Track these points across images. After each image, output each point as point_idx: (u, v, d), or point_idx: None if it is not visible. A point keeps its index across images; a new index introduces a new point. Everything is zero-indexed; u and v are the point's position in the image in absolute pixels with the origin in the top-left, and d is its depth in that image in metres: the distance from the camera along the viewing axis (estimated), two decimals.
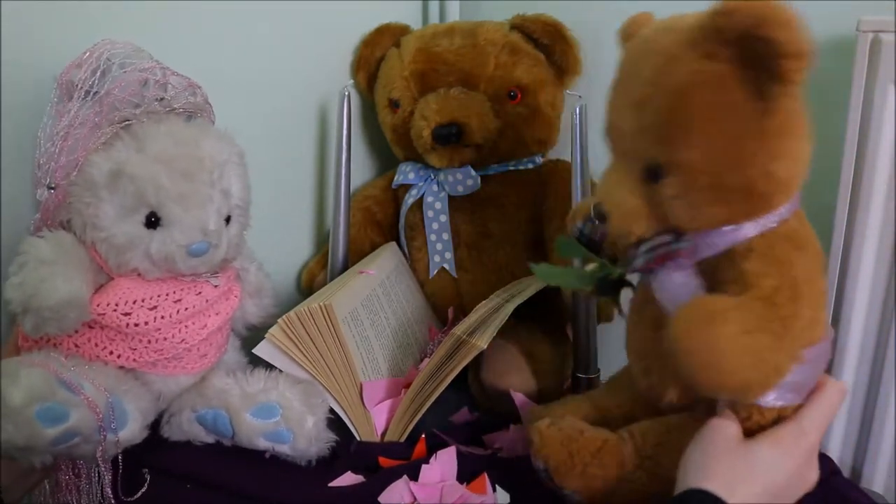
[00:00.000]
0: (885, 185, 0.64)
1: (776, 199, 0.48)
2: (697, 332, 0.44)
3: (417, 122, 0.82)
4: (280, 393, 0.63)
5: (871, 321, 0.67)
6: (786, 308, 0.46)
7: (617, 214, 0.50)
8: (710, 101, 0.45)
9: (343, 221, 0.84)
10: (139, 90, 0.57)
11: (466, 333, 0.66)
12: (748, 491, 0.45)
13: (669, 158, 0.47)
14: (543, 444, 0.55)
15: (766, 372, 0.45)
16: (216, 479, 0.62)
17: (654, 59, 0.47)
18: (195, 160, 0.58)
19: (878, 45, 0.61)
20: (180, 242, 0.57)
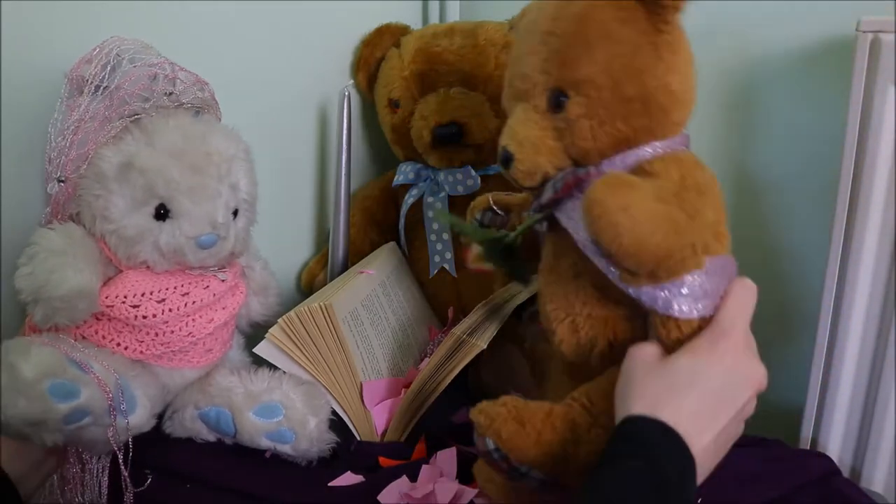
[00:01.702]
0: (885, 185, 0.63)
1: (672, 116, 0.51)
2: (612, 193, 0.44)
3: (417, 122, 0.82)
4: (283, 393, 0.63)
5: (871, 321, 0.67)
6: (692, 197, 0.48)
7: (523, 149, 0.52)
8: (608, 19, 0.49)
9: (343, 221, 0.84)
10: (149, 84, 0.58)
11: (466, 333, 0.66)
12: (676, 403, 0.45)
13: (574, 77, 0.50)
14: (490, 420, 0.52)
15: (683, 244, 0.46)
16: (216, 478, 0.62)
17: (555, 1, 0.52)
18: (204, 154, 0.59)
19: (878, 45, 0.61)
20: (189, 234, 0.58)
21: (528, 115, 0.53)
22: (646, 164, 0.50)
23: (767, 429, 0.71)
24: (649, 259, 0.45)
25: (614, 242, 0.44)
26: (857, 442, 0.70)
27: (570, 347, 0.55)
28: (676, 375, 0.46)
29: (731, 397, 0.47)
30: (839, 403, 0.70)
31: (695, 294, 0.48)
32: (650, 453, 0.42)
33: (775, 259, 0.83)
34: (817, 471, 0.63)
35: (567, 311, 0.54)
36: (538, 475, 0.51)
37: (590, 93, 0.50)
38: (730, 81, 0.81)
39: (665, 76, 0.50)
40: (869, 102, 0.63)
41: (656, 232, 0.44)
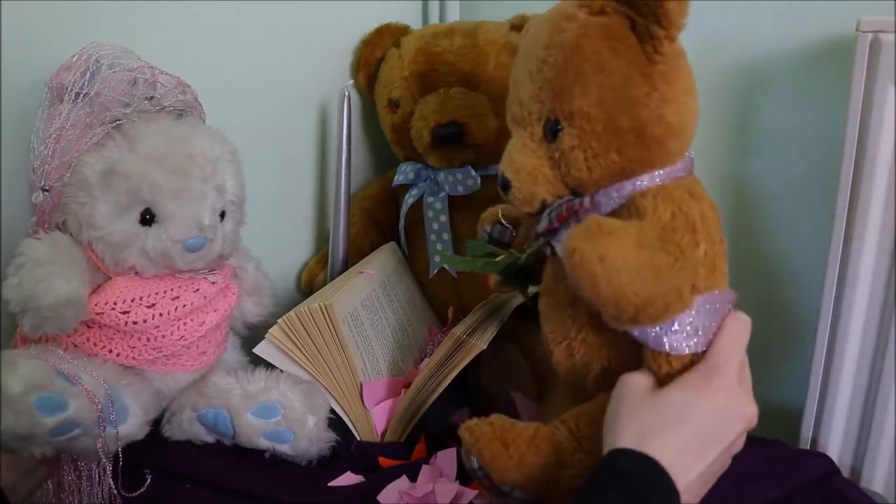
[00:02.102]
0: (885, 185, 0.64)
1: (669, 146, 0.50)
2: (590, 242, 0.44)
3: (417, 122, 0.82)
4: (281, 392, 0.63)
5: (871, 321, 0.67)
6: (682, 235, 0.47)
7: (519, 178, 0.52)
8: (600, 49, 0.48)
9: (343, 221, 0.84)
10: (129, 89, 0.58)
11: (466, 333, 0.66)
12: (664, 439, 0.44)
13: (566, 109, 0.50)
14: (475, 439, 0.52)
15: (666, 289, 0.45)
16: (216, 479, 0.62)
17: (548, 25, 0.51)
18: (187, 157, 0.58)
19: (878, 45, 0.61)
20: (176, 238, 0.58)
21: (524, 143, 0.53)
22: (638, 196, 0.50)
23: (767, 429, 0.71)
24: (628, 307, 0.45)
25: (592, 292, 0.44)
26: (857, 442, 0.70)
27: (566, 370, 0.55)
28: (667, 409, 0.46)
29: (721, 435, 0.47)
30: (839, 403, 0.70)
31: (686, 331, 0.48)
32: (635, 487, 0.42)
33: (775, 259, 0.83)
34: (817, 471, 0.63)
35: (563, 335, 0.55)
36: (521, 496, 0.52)
37: (583, 125, 0.49)
38: (730, 81, 0.81)
39: (659, 107, 0.49)
40: (869, 102, 0.63)
41: (634, 281, 0.44)
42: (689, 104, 0.51)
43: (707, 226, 0.49)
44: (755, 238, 0.84)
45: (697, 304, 0.48)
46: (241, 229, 0.66)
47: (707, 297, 0.49)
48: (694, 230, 0.48)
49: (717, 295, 0.49)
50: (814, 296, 0.70)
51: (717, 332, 0.49)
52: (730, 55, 0.80)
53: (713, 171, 0.84)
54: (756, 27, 0.78)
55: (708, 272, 0.49)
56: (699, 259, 0.48)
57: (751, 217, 0.84)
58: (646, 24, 0.47)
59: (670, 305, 0.46)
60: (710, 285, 0.49)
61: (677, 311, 0.47)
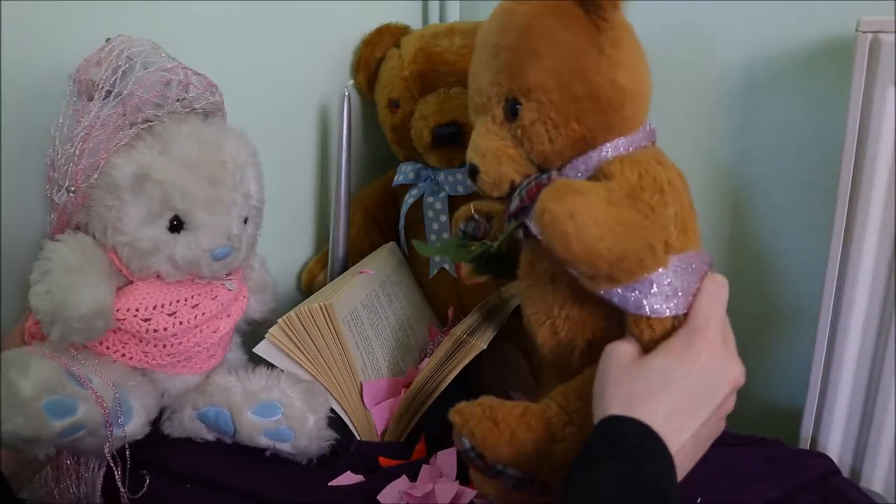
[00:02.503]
0: (884, 185, 0.63)
1: (626, 111, 0.52)
2: (560, 201, 0.45)
3: (417, 122, 0.82)
4: (282, 391, 0.63)
5: (870, 321, 0.67)
6: (650, 195, 0.49)
7: (485, 161, 0.54)
8: (550, 25, 0.51)
9: (343, 221, 0.84)
10: (163, 91, 0.56)
11: (466, 333, 0.66)
12: (652, 404, 0.45)
13: (523, 85, 0.51)
14: (465, 419, 0.53)
15: (639, 245, 0.46)
16: (216, 478, 0.62)
17: (500, 15, 0.54)
18: (219, 164, 0.58)
19: (878, 46, 0.61)
20: (206, 247, 0.57)
21: (487, 127, 0.54)
22: (605, 164, 0.51)
23: (767, 429, 0.71)
24: (602, 263, 0.45)
25: (566, 250, 0.44)
26: (857, 442, 0.70)
27: (551, 349, 0.56)
28: (652, 375, 0.46)
29: (708, 395, 0.47)
30: (839, 403, 0.70)
31: (665, 292, 0.48)
32: (628, 453, 0.42)
33: (775, 259, 0.83)
34: (817, 471, 0.63)
35: (546, 314, 0.55)
36: (514, 473, 0.52)
37: (540, 97, 0.51)
38: (729, 81, 0.81)
39: (611, 72, 0.51)
40: (869, 102, 0.63)
41: (606, 236, 0.44)
42: (640, 69, 0.53)
43: (675, 189, 0.50)
44: (755, 238, 0.84)
45: (673, 264, 0.48)
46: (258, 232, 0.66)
47: (682, 257, 0.49)
48: (662, 191, 0.49)
49: (692, 255, 0.50)
50: (814, 296, 0.70)
51: (696, 294, 0.49)
52: (730, 55, 0.80)
53: (713, 170, 0.84)
54: (756, 27, 0.78)
55: (680, 233, 0.50)
56: (669, 218, 0.49)
57: (751, 217, 0.84)
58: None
59: (644, 261, 0.47)
60: (685, 246, 0.50)
61: (652, 267, 0.47)
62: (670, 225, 0.49)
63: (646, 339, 0.49)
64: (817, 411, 0.71)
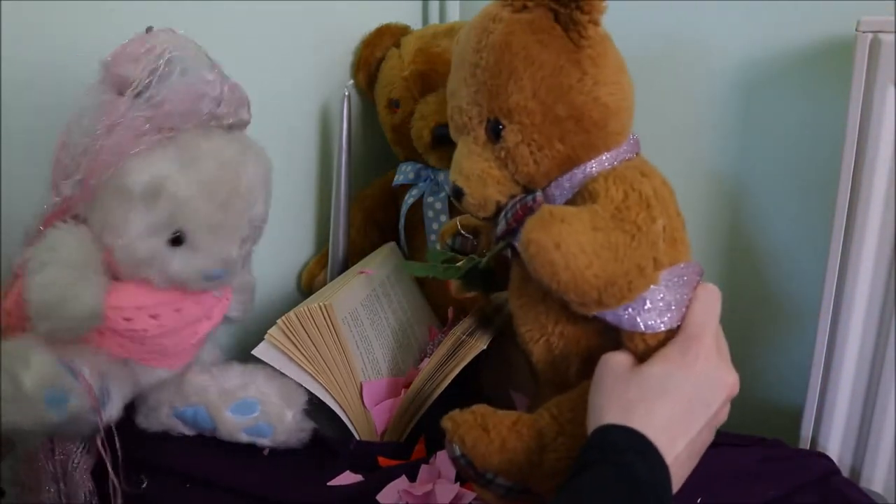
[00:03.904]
0: (884, 185, 0.63)
1: (610, 128, 0.51)
2: (545, 230, 0.44)
3: (417, 122, 0.82)
4: (258, 389, 0.63)
5: (870, 321, 0.67)
6: (636, 213, 0.48)
7: (470, 183, 0.53)
8: (527, 43, 0.49)
9: (343, 221, 0.84)
10: (195, 104, 0.55)
11: (466, 333, 0.66)
12: (648, 412, 0.44)
13: (504, 107, 0.50)
14: (457, 426, 0.52)
15: (627, 267, 0.46)
16: (215, 478, 0.62)
17: (476, 30, 0.52)
18: (234, 190, 0.56)
19: (878, 46, 0.61)
20: (201, 269, 0.57)
21: (470, 149, 0.54)
22: (589, 182, 0.50)
23: (767, 429, 0.71)
24: (591, 290, 0.45)
25: (553, 279, 0.45)
26: (857, 442, 0.70)
27: (547, 366, 0.55)
28: (648, 383, 0.46)
29: (704, 404, 0.46)
30: (839, 403, 0.70)
31: (658, 308, 0.48)
32: (623, 461, 0.42)
33: (775, 259, 0.83)
34: (817, 471, 0.63)
35: (540, 332, 0.55)
36: (503, 482, 0.51)
37: (522, 119, 0.50)
38: (729, 82, 0.81)
39: (593, 90, 0.50)
40: (869, 102, 0.63)
41: (593, 263, 0.44)
42: (623, 83, 0.52)
43: (661, 201, 0.50)
44: (755, 238, 0.84)
45: (665, 279, 0.48)
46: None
47: (673, 270, 0.49)
48: (648, 206, 0.49)
49: (682, 268, 0.50)
50: (814, 295, 0.70)
51: (689, 303, 0.49)
52: (730, 55, 0.80)
53: (713, 170, 0.84)
54: (756, 27, 0.78)
55: (669, 246, 0.49)
56: (658, 233, 0.48)
57: (750, 217, 0.84)
58: (568, 13, 0.49)
59: (633, 283, 0.46)
60: (674, 259, 0.50)
61: (641, 288, 0.47)
62: (659, 241, 0.48)
63: (640, 352, 0.49)
64: (817, 411, 0.71)
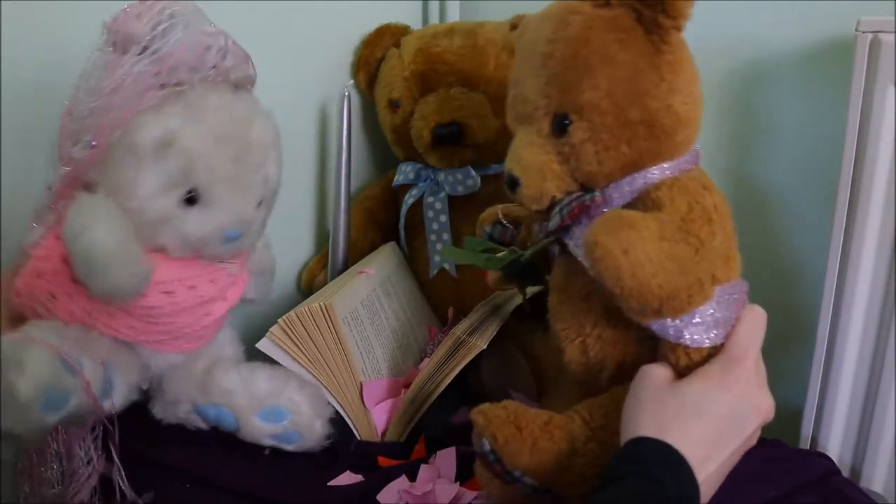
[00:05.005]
0: (884, 185, 0.63)
1: (678, 137, 0.50)
2: (614, 235, 0.44)
3: (417, 122, 0.82)
4: (289, 397, 0.62)
5: (870, 321, 0.67)
6: (700, 226, 0.47)
7: (529, 175, 0.51)
8: (607, 41, 0.48)
9: (343, 221, 0.84)
10: (202, 55, 0.53)
11: (466, 333, 0.66)
12: (685, 428, 0.45)
13: (576, 102, 0.49)
14: (489, 421, 0.52)
15: (689, 282, 0.45)
16: (215, 478, 0.61)
17: (550, 21, 0.51)
18: (245, 143, 0.55)
19: (878, 46, 0.61)
20: (219, 226, 0.55)
21: (531, 140, 0.52)
22: (652, 189, 0.50)
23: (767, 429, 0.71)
24: (653, 300, 0.44)
25: (616, 285, 0.44)
26: (857, 442, 0.70)
27: (580, 367, 0.55)
28: (686, 401, 0.46)
29: (739, 426, 0.47)
30: (839, 403, 0.70)
31: (706, 323, 0.48)
32: (655, 475, 0.42)
33: (775, 259, 0.83)
34: (817, 471, 0.63)
35: (578, 332, 0.54)
36: (530, 481, 0.51)
37: (593, 118, 0.49)
38: (729, 82, 0.81)
39: (668, 97, 0.49)
40: (869, 102, 0.63)
41: (659, 273, 0.44)
42: (696, 93, 0.51)
43: (721, 216, 0.49)
44: (755, 238, 0.84)
45: (717, 295, 0.48)
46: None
47: (725, 287, 0.49)
48: (710, 220, 0.48)
49: (734, 285, 0.50)
50: (814, 295, 0.70)
51: (735, 324, 0.49)
52: (730, 55, 0.80)
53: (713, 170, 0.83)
54: (756, 27, 0.78)
55: (723, 262, 0.49)
56: (717, 249, 0.48)
57: (750, 217, 0.84)
58: (652, 15, 0.48)
59: (693, 297, 0.46)
60: (728, 276, 0.49)
61: (699, 302, 0.47)
62: (718, 257, 0.48)
63: (681, 366, 0.49)
64: (817, 411, 0.71)
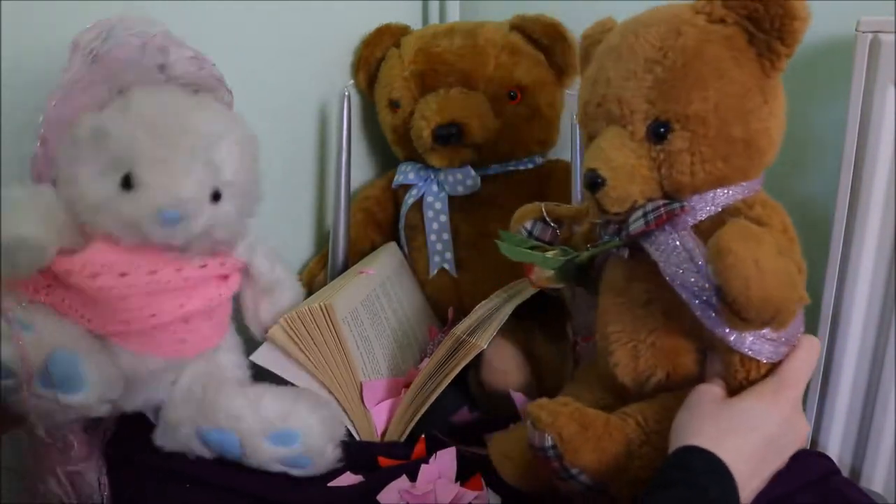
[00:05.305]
0: (884, 185, 0.64)
1: (766, 159, 0.52)
2: (745, 245, 0.44)
3: (417, 122, 0.82)
4: (301, 419, 0.61)
5: (870, 321, 0.67)
6: (794, 248, 0.50)
7: (617, 176, 0.51)
8: (722, 57, 0.49)
9: (343, 221, 0.84)
10: (138, 53, 0.56)
11: (466, 333, 0.66)
12: (736, 443, 0.46)
13: (682, 111, 0.50)
14: (553, 417, 0.51)
15: (796, 297, 0.47)
16: (215, 478, 0.61)
17: (658, 28, 0.51)
18: (178, 127, 0.57)
19: (878, 46, 0.61)
20: (150, 207, 0.55)
21: (623, 141, 0.52)
22: (743, 206, 0.51)
23: None
24: (771, 311, 0.45)
25: (743, 293, 0.44)
26: (857, 442, 0.70)
27: (627, 372, 0.55)
28: (741, 416, 0.48)
29: (783, 446, 0.49)
30: (839, 403, 0.70)
31: (779, 341, 0.50)
32: (699, 481, 0.44)
33: None
34: (817, 471, 0.62)
35: (631, 336, 0.54)
36: (587, 480, 0.51)
37: (697, 129, 0.50)
38: None
39: (768, 120, 0.51)
40: (869, 102, 0.63)
41: (780, 287, 0.45)
42: (784, 119, 0.53)
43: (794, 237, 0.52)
44: None
45: None
46: (249, 221, 0.63)
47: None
48: (794, 240, 0.51)
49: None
50: (814, 295, 0.70)
51: (793, 349, 0.51)
52: None
53: None
54: None
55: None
56: (804, 269, 0.50)
57: None
58: (767, 40, 0.49)
59: (795, 313, 0.47)
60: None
61: (794, 318, 0.47)
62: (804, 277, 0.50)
63: (739, 379, 0.50)
64: (817, 411, 0.71)
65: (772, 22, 0.48)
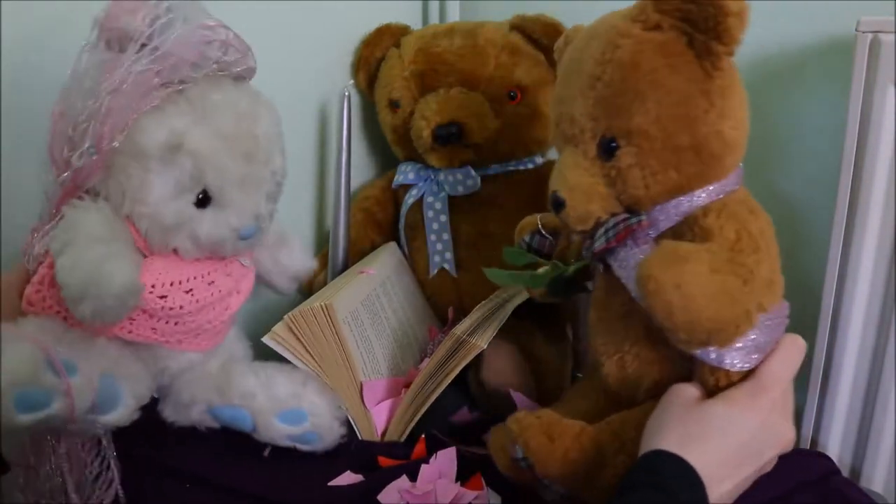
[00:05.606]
0: (884, 185, 0.63)
1: (726, 161, 0.50)
2: (666, 269, 0.44)
3: (417, 122, 0.82)
4: (309, 400, 0.62)
5: (870, 321, 0.67)
6: (748, 256, 0.47)
7: (574, 196, 0.51)
8: (659, 66, 0.48)
9: (343, 221, 0.84)
10: (203, 51, 0.51)
11: (466, 333, 0.66)
12: (703, 448, 0.46)
13: (624, 127, 0.49)
14: (522, 429, 0.53)
15: (737, 314, 0.45)
16: (216, 478, 0.62)
17: (599, 42, 0.50)
18: (253, 139, 0.54)
19: (878, 46, 0.61)
20: (234, 226, 0.54)
21: (577, 161, 0.52)
22: (700, 215, 0.50)
23: None
24: (702, 333, 0.45)
25: (667, 319, 0.44)
26: (857, 442, 0.70)
27: (616, 381, 0.55)
28: (710, 421, 0.47)
29: (757, 452, 0.48)
30: (839, 403, 0.70)
31: (747, 348, 0.49)
32: (670, 489, 0.43)
33: None
34: (817, 471, 0.63)
35: (616, 348, 0.55)
36: (559, 489, 0.53)
37: (642, 143, 0.49)
38: None
39: (717, 123, 0.49)
40: (869, 102, 0.63)
41: (710, 306, 0.44)
42: (743, 117, 0.51)
43: (767, 241, 0.50)
44: None
45: (760, 320, 0.48)
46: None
47: (769, 313, 0.49)
48: (758, 249, 0.48)
49: (777, 309, 0.50)
50: (814, 296, 0.70)
51: (772, 351, 0.50)
52: None
53: None
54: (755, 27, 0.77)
55: (768, 288, 0.49)
56: (764, 277, 0.48)
57: None
58: (705, 40, 0.47)
59: (740, 327, 0.46)
60: (772, 302, 0.49)
61: (746, 332, 0.47)
62: (764, 285, 0.48)
63: (720, 387, 0.50)
64: (817, 411, 0.71)
65: (706, 21, 0.46)
